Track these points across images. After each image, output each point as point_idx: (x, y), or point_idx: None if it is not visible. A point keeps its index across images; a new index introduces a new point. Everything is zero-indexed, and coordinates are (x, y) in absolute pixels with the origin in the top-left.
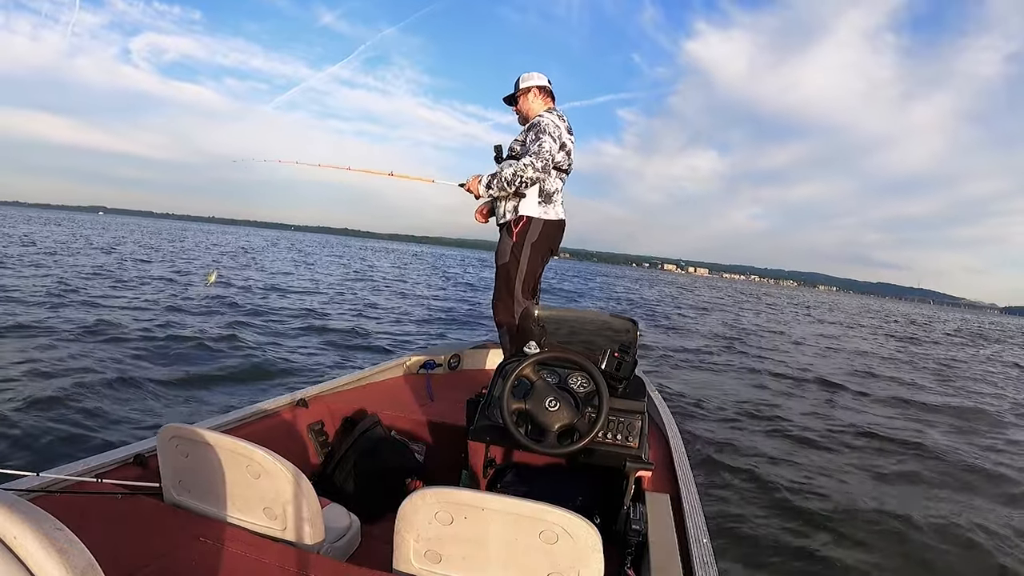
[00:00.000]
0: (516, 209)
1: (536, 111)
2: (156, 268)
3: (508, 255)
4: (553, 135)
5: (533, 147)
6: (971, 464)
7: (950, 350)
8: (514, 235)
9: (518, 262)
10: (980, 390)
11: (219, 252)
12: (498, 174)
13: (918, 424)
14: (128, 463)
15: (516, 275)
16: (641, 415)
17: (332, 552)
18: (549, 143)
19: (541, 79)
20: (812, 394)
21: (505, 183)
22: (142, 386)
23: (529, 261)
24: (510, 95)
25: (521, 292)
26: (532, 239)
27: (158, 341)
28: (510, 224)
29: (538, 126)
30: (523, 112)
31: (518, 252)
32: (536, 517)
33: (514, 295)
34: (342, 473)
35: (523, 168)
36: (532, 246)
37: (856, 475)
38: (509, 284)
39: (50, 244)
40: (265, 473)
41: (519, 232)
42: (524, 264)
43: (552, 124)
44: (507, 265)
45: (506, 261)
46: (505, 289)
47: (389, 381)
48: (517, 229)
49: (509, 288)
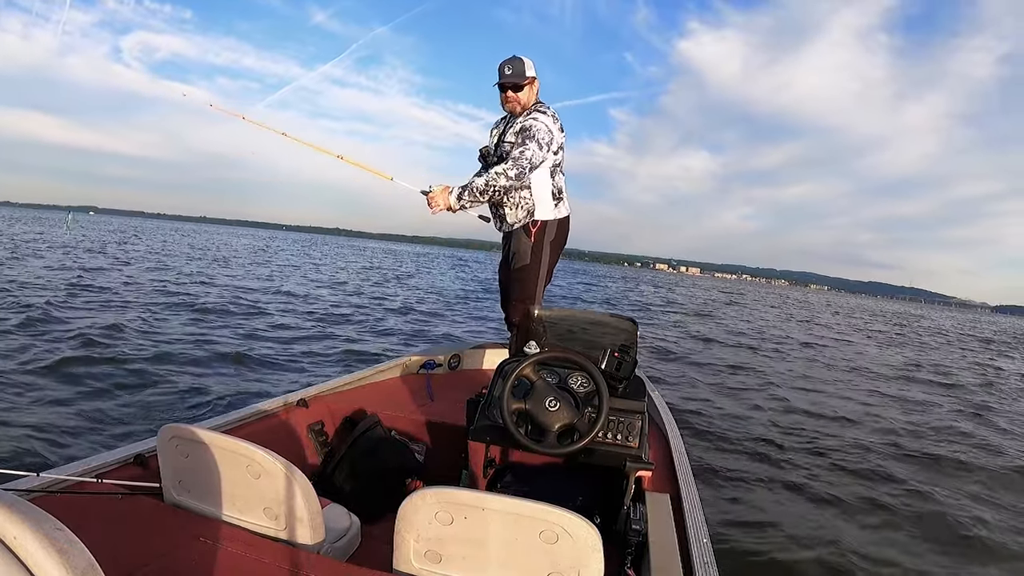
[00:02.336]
0: (532, 213)
1: (530, 103)
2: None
3: (528, 257)
4: (543, 141)
5: (515, 152)
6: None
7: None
8: (532, 236)
9: (539, 263)
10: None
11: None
12: (469, 185)
13: (924, 429)
14: (128, 463)
15: (538, 277)
16: (641, 415)
17: (332, 552)
18: (533, 151)
19: (534, 70)
20: (816, 394)
21: (478, 192)
22: (142, 385)
23: (549, 261)
24: (512, 82)
25: (541, 293)
26: (550, 238)
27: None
28: (527, 226)
29: (529, 131)
30: (524, 102)
31: (539, 253)
32: (536, 517)
33: (534, 296)
34: (342, 473)
35: (495, 177)
36: (550, 244)
37: (856, 475)
38: (530, 286)
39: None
40: (265, 473)
41: (537, 233)
42: (545, 264)
43: (545, 130)
44: (528, 267)
45: (527, 263)
46: (525, 291)
47: (389, 381)
48: (535, 230)
49: (530, 290)
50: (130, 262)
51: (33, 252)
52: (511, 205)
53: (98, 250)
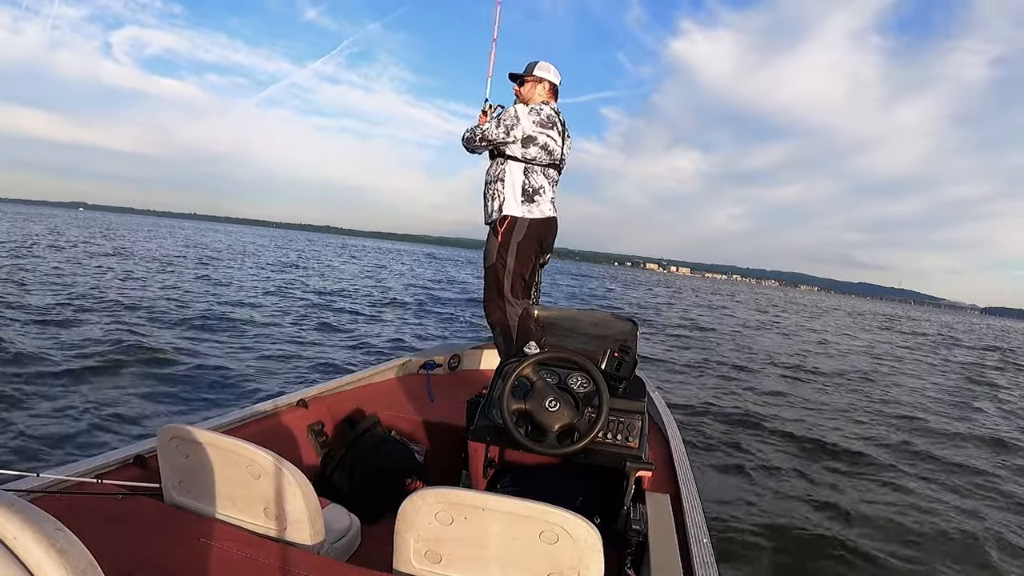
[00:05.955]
0: (501, 208)
1: (534, 102)
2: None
3: (495, 256)
4: (504, 123)
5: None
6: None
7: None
8: (499, 235)
9: (504, 262)
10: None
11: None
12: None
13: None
14: (128, 463)
15: (504, 275)
16: (641, 415)
17: (332, 552)
18: (490, 126)
19: (555, 77)
20: (819, 396)
21: (463, 138)
22: (143, 385)
23: (516, 261)
24: (518, 74)
25: (511, 292)
26: (518, 238)
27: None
28: (495, 224)
29: (507, 110)
30: (523, 96)
31: (504, 252)
32: (536, 517)
33: (504, 295)
34: (342, 473)
35: (470, 130)
36: (518, 245)
37: (858, 476)
38: (498, 284)
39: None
40: (265, 473)
41: (504, 232)
42: (511, 263)
43: (511, 115)
44: (494, 266)
45: (493, 262)
46: (495, 289)
47: (389, 381)
48: (502, 229)
49: (499, 288)
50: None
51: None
52: (489, 195)
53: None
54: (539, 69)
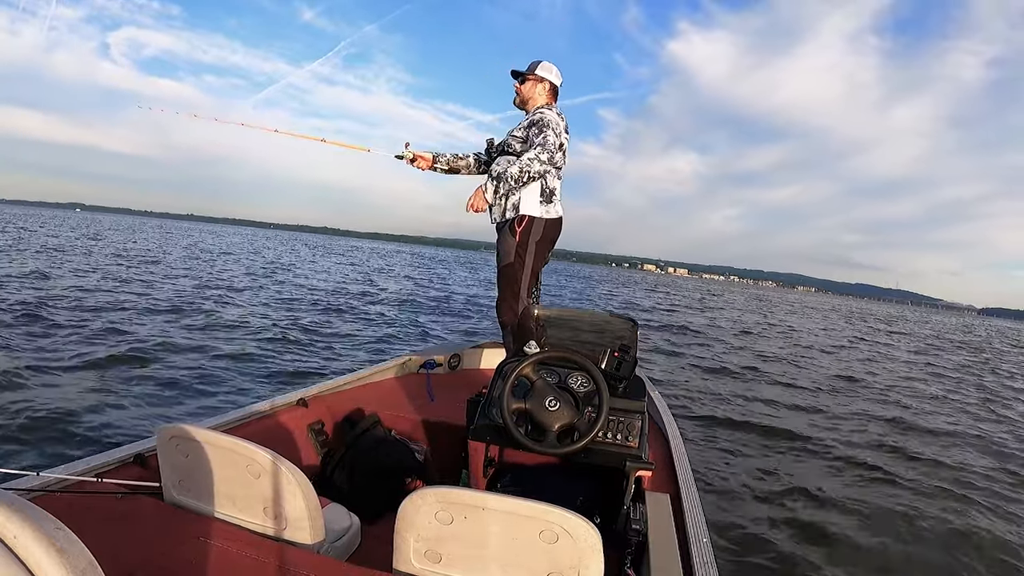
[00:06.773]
0: (517, 207)
1: (536, 103)
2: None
3: (512, 255)
4: (555, 131)
5: (538, 139)
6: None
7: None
8: (517, 235)
9: (523, 262)
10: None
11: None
12: (503, 175)
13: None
14: (128, 463)
15: (522, 276)
16: (641, 415)
17: (332, 552)
18: (552, 137)
19: (556, 79)
20: (819, 398)
21: (513, 181)
22: (143, 385)
23: (534, 261)
24: (520, 72)
25: (526, 292)
26: (536, 238)
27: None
28: (512, 223)
29: (541, 121)
30: (523, 94)
31: (523, 252)
32: (536, 517)
33: (519, 296)
34: (342, 473)
35: (529, 163)
36: (536, 244)
37: (858, 477)
38: (515, 285)
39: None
40: (265, 473)
41: (522, 231)
42: (529, 264)
43: (554, 121)
44: (512, 266)
45: (511, 262)
46: (510, 290)
47: (389, 381)
48: (520, 228)
49: (515, 289)
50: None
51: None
52: (500, 194)
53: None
54: (541, 69)
